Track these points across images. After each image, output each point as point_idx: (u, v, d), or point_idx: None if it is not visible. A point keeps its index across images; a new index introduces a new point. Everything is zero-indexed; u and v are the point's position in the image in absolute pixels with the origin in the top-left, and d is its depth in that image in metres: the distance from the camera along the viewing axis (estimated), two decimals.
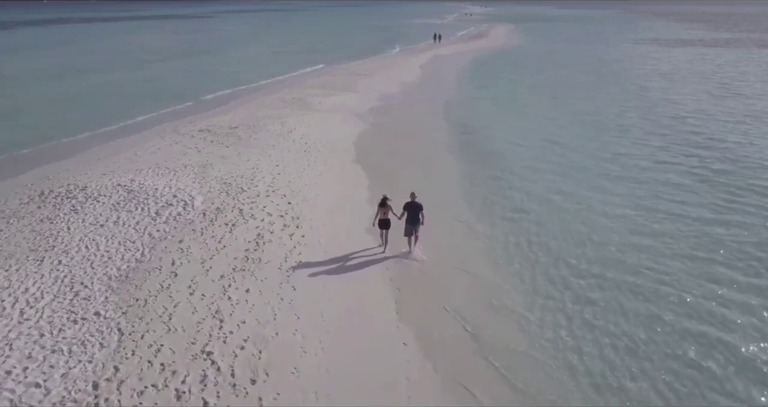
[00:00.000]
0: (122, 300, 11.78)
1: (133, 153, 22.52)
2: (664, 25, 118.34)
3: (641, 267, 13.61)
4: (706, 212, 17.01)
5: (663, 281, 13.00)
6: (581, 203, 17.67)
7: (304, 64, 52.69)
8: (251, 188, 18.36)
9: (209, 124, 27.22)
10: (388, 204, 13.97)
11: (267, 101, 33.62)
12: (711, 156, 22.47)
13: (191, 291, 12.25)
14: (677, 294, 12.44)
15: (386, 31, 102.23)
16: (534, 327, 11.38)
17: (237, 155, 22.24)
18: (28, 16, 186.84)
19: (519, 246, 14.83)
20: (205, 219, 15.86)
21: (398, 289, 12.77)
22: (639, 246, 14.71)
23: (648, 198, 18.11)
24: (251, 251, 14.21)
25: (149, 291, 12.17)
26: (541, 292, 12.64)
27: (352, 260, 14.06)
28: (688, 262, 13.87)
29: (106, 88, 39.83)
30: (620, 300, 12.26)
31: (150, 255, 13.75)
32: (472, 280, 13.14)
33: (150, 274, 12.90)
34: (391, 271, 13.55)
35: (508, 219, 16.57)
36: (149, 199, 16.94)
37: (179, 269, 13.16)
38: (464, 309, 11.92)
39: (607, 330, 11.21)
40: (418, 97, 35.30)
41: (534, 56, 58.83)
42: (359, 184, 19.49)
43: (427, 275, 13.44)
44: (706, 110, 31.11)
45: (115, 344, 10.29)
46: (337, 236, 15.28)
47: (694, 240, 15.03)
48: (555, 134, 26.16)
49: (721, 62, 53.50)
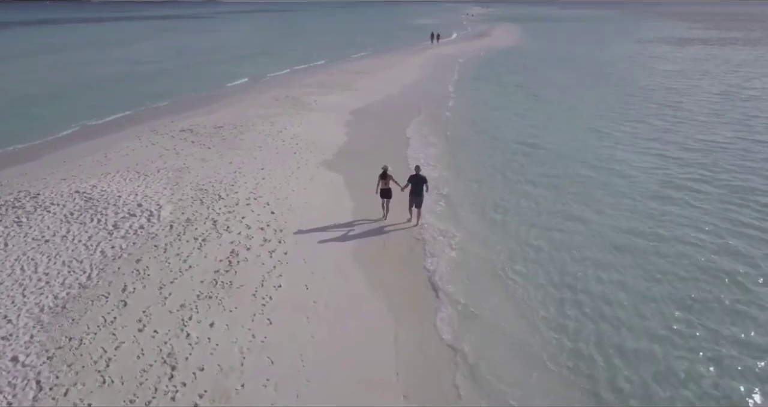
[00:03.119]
0: (51, 340, 9.39)
1: (103, 155, 20.18)
2: (667, 25, 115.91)
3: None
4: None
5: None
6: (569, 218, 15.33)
7: (299, 62, 50.45)
8: (230, 196, 15.99)
9: (192, 123, 24.86)
10: (389, 175, 14.44)
11: (259, 100, 31.25)
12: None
13: (141, 327, 9.87)
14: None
15: (384, 31, 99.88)
16: (536, 313, 10.74)
17: (219, 157, 19.89)
18: (29, 16, 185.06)
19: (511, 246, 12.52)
20: (172, 233, 13.49)
21: (398, 321, 10.40)
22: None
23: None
24: (222, 272, 11.83)
25: (88, 327, 9.79)
26: (543, 278, 11.97)
27: (343, 285, 11.68)
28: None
29: (85, 87, 37.35)
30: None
31: (98, 279, 11.36)
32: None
33: (93, 304, 10.51)
34: (392, 300, 11.18)
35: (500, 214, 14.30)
36: (109, 208, 14.57)
37: (131, 297, 10.78)
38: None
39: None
40: (416, 97, 32.76)
41: (537, 57, 56.06)
42: (353, 190, 17.14)
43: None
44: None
45: (28, 404, 7.91)
46: (326, 254, 12.91)
47: (703, 260, 12.72)
48: (562, 139, 23.70)
49: (727, 61, 51.11)
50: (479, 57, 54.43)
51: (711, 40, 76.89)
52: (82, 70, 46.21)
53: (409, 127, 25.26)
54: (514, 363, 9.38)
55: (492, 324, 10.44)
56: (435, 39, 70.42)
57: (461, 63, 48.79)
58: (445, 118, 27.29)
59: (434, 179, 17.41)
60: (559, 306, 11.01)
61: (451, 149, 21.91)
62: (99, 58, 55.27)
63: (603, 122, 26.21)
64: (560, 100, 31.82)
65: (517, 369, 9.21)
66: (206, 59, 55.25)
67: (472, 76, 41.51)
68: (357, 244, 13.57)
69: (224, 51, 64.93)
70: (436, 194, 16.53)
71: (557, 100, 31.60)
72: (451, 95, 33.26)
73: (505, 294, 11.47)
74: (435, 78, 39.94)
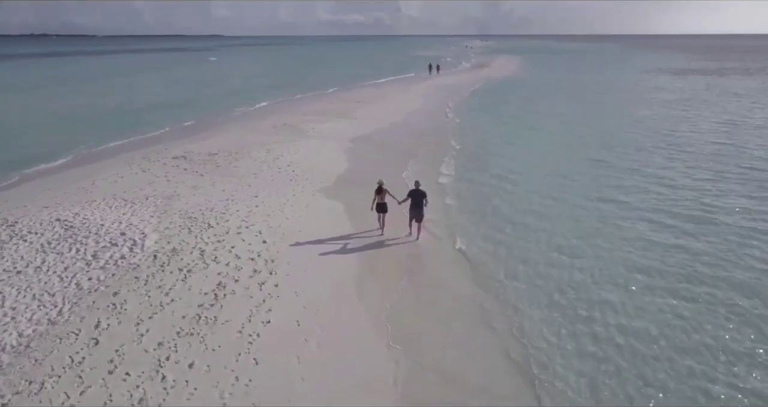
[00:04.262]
0: (8, 384, 8.38)
1: (91, 182, 19.38)
2: (666, 57, 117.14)
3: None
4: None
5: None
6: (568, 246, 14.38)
7: (298, 91, 50.37)
8: (220, 224, 15.11)
9: (186, 150, 24.17)
10: (384, 189, 14.70)
11: (255, 127, 30.69)
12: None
13: (112, 368, 8.86)
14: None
15: (386, 63, 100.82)
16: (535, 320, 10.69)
17: (211, 184, 19.11)
18: (35, 49, 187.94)
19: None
20: (155, 263, 12.56)
21: (398, 363, 9.39)
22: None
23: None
24: (206, 306, 10.86)
25: (52, 369, 8.78)
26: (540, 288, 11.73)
27: (338, 320, 10.70)
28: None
29: (82, 117, 36.75)
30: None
31: (69, 314, 10.38)
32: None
33: (61, 342, 9.52)
34: (393, 336, 10.19)
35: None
36: (90, 237, 13.68)
37: (103, 334, 9.78)
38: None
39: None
40: (415, 125, 32.05)
41: (537, 88, 55.56)
42: (351, 217, 16.28)
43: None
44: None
45: None
46: (321, 286, 11.96)
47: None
48: (565, 171, 22.97)
49: (726, 90, 50.94)
50: (479, 87, 54.17)
51: (709, 70, 77.38)
52: (82, 100, 45.83)
53: (409, 156, 24.52)
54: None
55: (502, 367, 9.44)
56: (435, 70, 70.77)
57: (461, 93, 48.41)
58: (445, 148, 26.37)
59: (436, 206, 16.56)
60: (563, 329, 10.03)
61: (452, 177, 21.12)
62: (100, 89, 55.06)
63: (607, 153, 25.39)
64: (562, 131, 30.72)
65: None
66: (206, 89, 55.17)
67: (471, 106, 40.82)
68: (354, 272, 12.66)
69: (224, 81, 65.22)
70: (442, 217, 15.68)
71: (559, 132, 30.44)
72: (450, 125, 32.47)
73: (510, 326, 10.49)
74: (434, 108, 39.35)
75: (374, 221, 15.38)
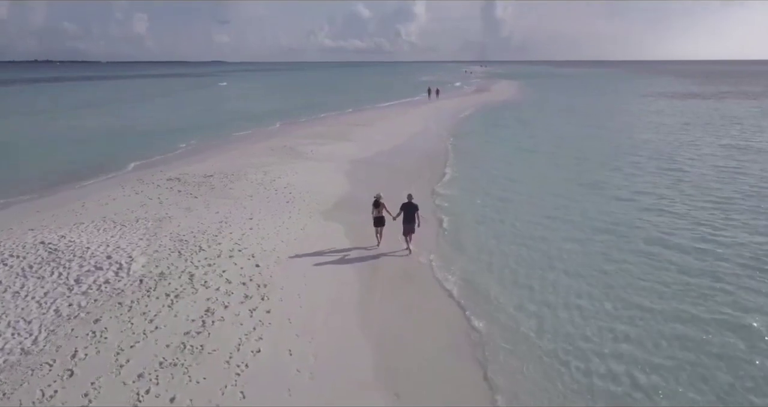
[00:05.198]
0: None
1: (81, 205, 18.81)
2: (663, 81, 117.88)
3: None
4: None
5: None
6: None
7: (298, 114, 50.27)
8: (212, 247, 14.49)
9: (181, 172, 23.68)
10: (382, 203, 14.83)
11: (253, 149, 30.31)
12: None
13: (86, 403, 8.14)
14: None
15: (386, 88, 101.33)
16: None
17: (205, 206, 18.53)
18: (39, 74, 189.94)
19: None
20: (141, 288, 11.89)
21: (400, 396, 8.68)
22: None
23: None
24: (192, 334, 10.16)
25: (20, 403, 8.06)
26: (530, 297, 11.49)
27: (333, 349, 9.99)
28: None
29: (80, 142, 35.93)
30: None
31: (45, 343, 9.69)
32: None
33: (33, 373, 8.81)
34: (391, 366, 9.49)
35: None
36: (74, 261, 13.05)
37: (80, 365, 9.08)
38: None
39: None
40: (415, 148, 31.45)
41: (537, 111, 55.35)
42: (348, 239, 15.68)
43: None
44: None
45: None
46: (315, 311, 11.28)
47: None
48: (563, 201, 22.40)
49: (725, 115, 50.79)
50: (479, 111, 53.87)
51: (708, 94, 77.59)
52: (81, 125, 45.41)
53: (409, 177, 23.96)
54: None
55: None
56: (435, 94, 70.89)
57: (461, 117, 48.18)
58: (443, 170, 25.70)
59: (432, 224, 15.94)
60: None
61: (451, 199, 20.56)
62: (99, 115, 54.47)
63: (604, 176, 24.85)
64: (561, 154, 29.95)
65: None
66: (205, 113, 55.10)
67: (471, 129, 40.35)
68: (351, 298, 12.00)
69: (224, 105, 65.25)
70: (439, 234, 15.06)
71: (559, 155, 29.71)
72: (449, 148, 31.85)
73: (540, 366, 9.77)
74: (434, 131, 38.88)
75: (371, 236, 15.36)
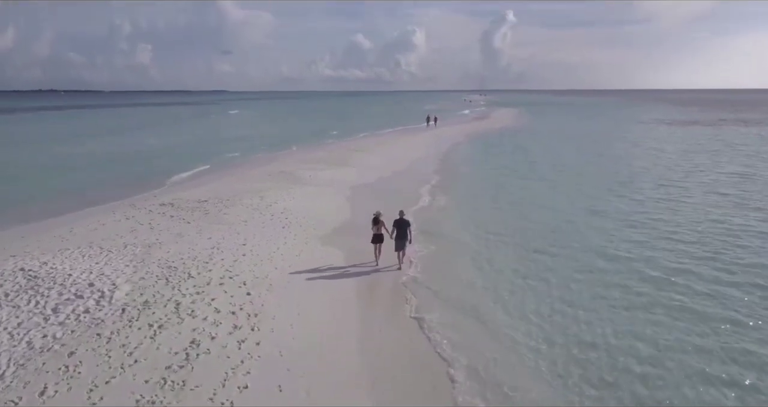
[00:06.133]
0: None
1: (68, 230, 18.11)
2: (660, 108, 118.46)
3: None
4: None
5: None
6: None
7: (297, 141, 49.95)
8: (201, 274, 13.74)
9: (175, 197, 23.04)
10: (381, 220, 14.93)
11: (250, 174, 29.75)
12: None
13: None
14: None
15: (386, 116, 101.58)
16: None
17: (197, 232, 17.83)
18: (43, 103, 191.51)
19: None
20: (122, 318, 11.10)
21: None
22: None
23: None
24: (174, 369, 9.34)
25: None
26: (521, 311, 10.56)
27: (327, 386, 9.16)
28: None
29: (76, 168, 35.35)
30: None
31: (12, 378, 8.86)
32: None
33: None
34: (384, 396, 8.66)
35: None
36: (53, 289, 12.29)
37: (47, 404, 8.25)
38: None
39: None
40: (415, 174, 30.88)
41: (537, 139, 54.35)
42: (345, 262, 14.96)
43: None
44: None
45: None
46: (308, 343, 10.47)
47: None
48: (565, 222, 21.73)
49: (723, 141, 50.49)
50: (476, 138, 53.35)
51: (706, 121, 77.69)
52: (80, 151, 44.99)
53: (408, 203, 23.23)
54: None
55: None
56: (433, 122, 70.69)
57: (459, 143, 47.80)
58: (442, 195, 24.97)
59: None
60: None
61: (442, 223, 19.89)
62: (101, 142, 53.89)
63: (604, 204, 24.13)
64: (562, 181, 29.14)
65: None
66: (205, 140, 54.82)
67: (468, 156, 39.95)
68: (347, 327, 11.23)
69: (224, 132, 65.16)
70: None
71: (559, 181, 28.94)
72: (448, 174, 31.30)
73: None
74: (433, 157, 38.35)
75: (370, 255, 15.31)
